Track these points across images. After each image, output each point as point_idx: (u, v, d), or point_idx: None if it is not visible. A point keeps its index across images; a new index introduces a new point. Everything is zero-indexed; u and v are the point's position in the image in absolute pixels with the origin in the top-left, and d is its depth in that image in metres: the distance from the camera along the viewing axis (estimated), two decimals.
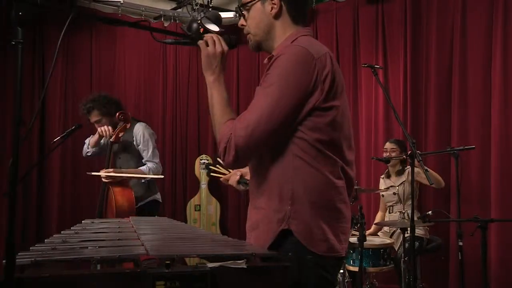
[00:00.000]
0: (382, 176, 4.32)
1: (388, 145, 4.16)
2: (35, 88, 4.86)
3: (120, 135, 3.49)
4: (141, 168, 3.57)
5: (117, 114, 3.51)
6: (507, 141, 3.84)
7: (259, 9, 1.60)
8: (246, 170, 1.93)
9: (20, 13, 1.14)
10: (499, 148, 3.85)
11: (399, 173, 4.11)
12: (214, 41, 1.60)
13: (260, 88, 1.48)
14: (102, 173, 3.38)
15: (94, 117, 3.60)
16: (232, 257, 1.24)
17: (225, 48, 1.59)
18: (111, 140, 3.47)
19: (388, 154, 4.12)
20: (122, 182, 3.45)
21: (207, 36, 1.61)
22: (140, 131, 3.61)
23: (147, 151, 3.60)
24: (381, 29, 4.71)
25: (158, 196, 3.79)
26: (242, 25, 1.66)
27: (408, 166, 3.77)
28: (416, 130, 4.42)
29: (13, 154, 1.11)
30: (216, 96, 1.56)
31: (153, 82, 5.67)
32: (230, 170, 2.06)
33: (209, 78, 1.59)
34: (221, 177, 2.10)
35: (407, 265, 3.38)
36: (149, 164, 3.58)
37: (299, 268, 1.42)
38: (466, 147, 3.49)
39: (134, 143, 3.62)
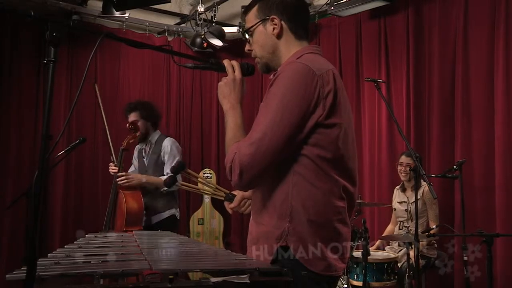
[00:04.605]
0: (397, 188, 4.27)
1: (403, 159, 4.09)
2: (61, 103, 4.96)
3: (131, 142, 3.74)
4: (161, 177, 3.72)
5: (128, 124, 3.77)
6: (511, 154, 3.82)
7: (261, 31, 1.63)
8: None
9: (54, 34, 1.19)
10: (503, 161, 3.83)
11: (415, 189, 4.04)
12: (233, 67, 1.63)
13: (263, 106, 1.50)
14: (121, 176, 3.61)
15: (132, 117, 3.82)
16: (235, 272, 1.24)
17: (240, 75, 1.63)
18: (121, 147, 3.71)
19: (403, 168, 4.08)
20: (132, 187, 3.66)
21: (226, 62, 1.63)
22: (168, 145, 3.81)
23: (171, 163, 3.74)
24: (384, 44, 4.73)
25: (177, 212, 3.89)
26: (249, 50, 1.69)
27: (424, 183, 3.73)
28: (420, 144, 4.41)
29: (39, 168, 1.14)
30: (230, 122, 1.58)
31: (157, 96, 5.69)
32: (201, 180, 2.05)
33: (225, 106, 1.61)
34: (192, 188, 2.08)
35: (411, 280, 3.35)
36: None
37: (296, 285, 1.41)
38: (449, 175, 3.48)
39: (161, 155, 3.80)
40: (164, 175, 3.73)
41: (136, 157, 4.02)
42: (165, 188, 3.68)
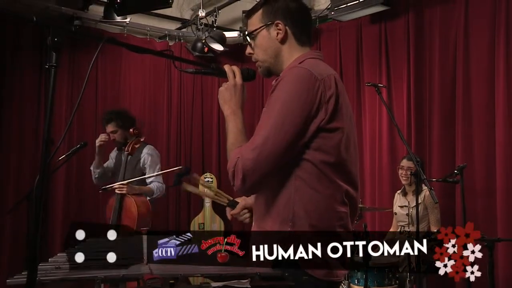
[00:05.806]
0: (398, 192, 4.25)
1: (405, 163, 4.03)
2: (62, 107, 4.97)
3: (136, 147, 3.86)
4: (149, 186, 3.85)
5: (132, 129, 3.89)
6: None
7: (265, 36, 1.63)
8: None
9: (56, 39, 1.19)
10: (504, 165, 3.83)
11: (416, 193, 4.01)
12: (234, 72, 1.63)
13: (265, 111, 1.50)
14: (116, 185, 3.71)
15: (110, 128, 3.93)
16: (236, 277, 1.24)
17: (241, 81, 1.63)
18: (126, 152, 3.83)
19: (404, 172, 4.05)
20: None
21: (227, 67, 1.64)
22: (147, 153, 3.94)
23: (153, 171, 3.88)
24: (384, 48, 4.73)
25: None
26: (250, 53, 1.68)
27: (425, 188, 3.72)
28: (421, 148, 4.41)
29: (41, 172, 1.15)
30: (231, 127, 1.59)
31: (158, 100, 5.70)
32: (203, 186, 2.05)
33: (226, 111, 1.61)
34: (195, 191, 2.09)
35: (412, 285, 3.34)
36: (156, 184, 3.86)
37: None
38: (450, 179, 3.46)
39: (141, 162, 3.91)
40: (147, 183, 3.87)
41: (113, 158, 4.11)
42: (153, 196, 3.85)
